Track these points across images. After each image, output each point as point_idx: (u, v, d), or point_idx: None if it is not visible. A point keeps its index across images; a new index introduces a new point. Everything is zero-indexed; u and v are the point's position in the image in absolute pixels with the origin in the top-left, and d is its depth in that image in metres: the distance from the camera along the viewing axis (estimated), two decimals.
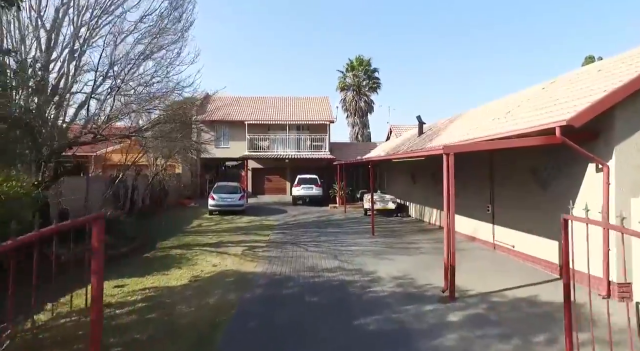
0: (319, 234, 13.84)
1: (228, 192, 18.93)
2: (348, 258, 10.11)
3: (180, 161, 22.46)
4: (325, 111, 29.91)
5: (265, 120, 28.08)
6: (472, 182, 12.03)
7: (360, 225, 16.02)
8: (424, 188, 16.69)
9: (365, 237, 13.17)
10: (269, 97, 32.65)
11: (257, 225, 15.84)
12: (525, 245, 9.37)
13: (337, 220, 17.81)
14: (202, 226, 15.50)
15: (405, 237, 13.16)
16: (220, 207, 18.56)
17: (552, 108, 7.99)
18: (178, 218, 17.45)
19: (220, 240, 12.55)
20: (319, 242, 12.40)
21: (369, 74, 42.86)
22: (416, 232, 14.31)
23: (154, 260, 9.73)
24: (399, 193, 19.77)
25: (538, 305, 6.49)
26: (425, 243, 11.99)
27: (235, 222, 16.78)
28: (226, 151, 28.34)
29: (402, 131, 28.56)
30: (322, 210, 21.44)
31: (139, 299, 6.66)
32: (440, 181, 14.27)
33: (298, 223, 16.82)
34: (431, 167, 15.28)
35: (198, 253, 10.49)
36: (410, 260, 9.83)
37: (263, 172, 28.77)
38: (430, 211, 15.97)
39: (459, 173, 10.74)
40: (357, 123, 42.48)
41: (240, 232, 14.21)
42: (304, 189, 23.30)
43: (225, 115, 28.69)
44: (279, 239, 12.82)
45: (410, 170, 18.25)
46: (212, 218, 17.56)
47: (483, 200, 11.42)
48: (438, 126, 17.76)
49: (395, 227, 15.49)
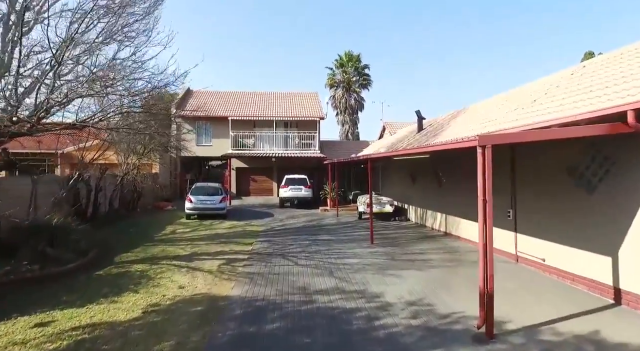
0: (310, 243, 12.08)
1: (208, 193, 17.01)
2: (346, 274, 8.38)
3: (157, 159, 20.36)
4: (315, 107, 28.17)
5: (250, 116, 26.18)
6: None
7: (356, 231, 14.31)
8: (425, 189, 15.07)
9: (363, 246, 11.46)
10: (255, 92, 30.76)
11: (240, 232, 13.98)
12: (561, 260, 7.76)
13: (329, 225, 16.06)
14: (175, 233, 13.57)
15: (409, 246, 11.49)
16: (199, 211, 16.64)
17: (605, 91, 6.38)
18: (150, 223, 15.47)
19: (195, 250, 10.67)
20: (310, 252, 10.63)
21: (359, 70, 41.32)
22: (419, 239, 12.65)
23: (105, 280, 7.81)
24: (396, 194, 18.14)
25: (609, 349, 4.84)
26: (434, 254, 10.33)
27: (215, 227, 14.88)
28: (208, 149, 26.35)
29: (397, 129, 26.97)
30: (312, 214, 19.67)
31: (61, 348, 4.78)
32: (449, 181, 12.65)
33: (286, 228, 15.01)
34: (434, 166, 13.67)
35: (164, 270, 8.61)
36: (422, 277, 8.14)
37: (248, 171, 26.86)
38: (434, 215, 14.35)
39: (467, 171, 9.07)
40: (347, 122, 40.89)
41: (219, 240, 12.34)
42: (292, 190, 21.49)
43: (207, 111, 26.69)
44: (263, 249, 11.01)
45: (410, 170, 16.64)
46: (188, 224, 15.62)
47: (501, 203, 9.80)
48: (439, 122, 16.18)
49: (395, 234, 13.82)
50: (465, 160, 11.66)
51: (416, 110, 17.67)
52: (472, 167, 10.73)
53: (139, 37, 10.34)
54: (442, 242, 12.08)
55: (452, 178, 12.61)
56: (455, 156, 11.95)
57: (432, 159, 13.63)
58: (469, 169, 11.96)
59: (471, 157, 10.49)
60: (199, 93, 29.81)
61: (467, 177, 11.43)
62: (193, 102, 27.99)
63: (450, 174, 12.75)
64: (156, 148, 19.70)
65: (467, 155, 11.84)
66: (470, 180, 11.76)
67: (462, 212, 11.95)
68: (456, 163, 12.17)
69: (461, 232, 12.11)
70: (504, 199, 9.70)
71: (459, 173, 12.05)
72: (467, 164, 12.03)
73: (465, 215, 11.75)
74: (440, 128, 14.53)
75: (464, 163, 11.65)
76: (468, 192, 11.37)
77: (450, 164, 12.61)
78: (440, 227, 13.79)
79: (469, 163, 12.00)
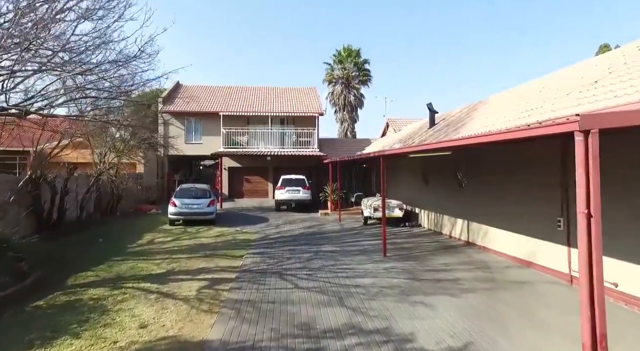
0: (311, 255, 10.20)
1: (194, 196, 15.09)
2: (361, 302, 6.53)
3: (141, 158, 18.34)
4: (314, 102, 26.29)
5: (243, 112, 24.25)
6: (524, 183, 8.62)
7: (364, 240, 12.45)
8: (442, 191, 13.26)
9: (375, 260, 9.61)
10: (249, 87, 28.84)
11: (229, 241, 12.08)
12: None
13: (332, 232, 14.18)
14: (153, 243, 11.64)
15: (429, 260, 9.65)
16: (184, 216, 14.71)
17: None
18: (127, 230, 13.52)
19: (172, 267, 8.77)
20: (312, 269, 8.76)
21: (358, 66, 39.50)
22: (439, 250, 10.82)
23: (41, 316, 5.89)
24: (404, 197, 16.31)
25: None
26: (462, 271, 8.50)
27: (201, 235, 12.96)
28: (198, 147, 24.38)
29: (401, 126, 25.21)
30: (311, 218, 17.79)
31: None
32: (474, 182, 10.83)
33: (282, 236, 13.13)
34: (456, 165, 11.85)
35: (127, 297, 6.71)
36: (459, 307, 6.30)
37: (241, 171, 24.93)
38: (452, 221, 12.52)
39: (500, 171, 7.32)
40: (346, 119, 39.09)
41: (203, 252, 10.43)
42: (289, 192, 19.59)
43: (197, 106, 24.77)
44: (255, 265, 9.12)
45: (421, 169, 14.82)
46: (171, 231, 13.69)
47: (548, 210, 8.00)
48: (455, 115, 14.40)
49: (409, 243, 11.98)
50: (497, 157, 9.86)
51: (427, 103, 15.97)
52: (507, 165, 8.89)
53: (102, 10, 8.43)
54: (466, 254, 10.26)
55: (478, 180, 10.80)
56: (484, 153, 10.14)
57: (452, 157, 11.82)
58: (502, 169, 10.17)
59: (508, 154, 8.58)
60: (189, 88, 27.89)
61: (499, 178, 9.63)
62: (182, 97, 26.04)
63: (475, 175, 10.93)
64: (138, 145, 17.74)
65: (499, 152, 10.05)
66: (504, 182, 9.83)
67: (491, 218, 10.14)
68: (484, 162, 10.36)
69: (489, 243, 10.30)
70: (550, 206, 7.88)
71: (488, 174, 10.25)
72: (500, 162, 10.33)
73: (495, 222, 9.95)
74: (459, 121, 12.74)
75: (495, 162, 9.84)
76: (500, 195, 9.60)
77: (476, 163, 10.79)
78: (460, 236, 11.97)
79: (502, 161, 10.30)
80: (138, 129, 17.63)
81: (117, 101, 10.54)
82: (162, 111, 24.02)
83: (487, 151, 10.05)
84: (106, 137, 15.38)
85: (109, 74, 8.14)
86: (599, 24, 69.72)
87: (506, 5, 75.27)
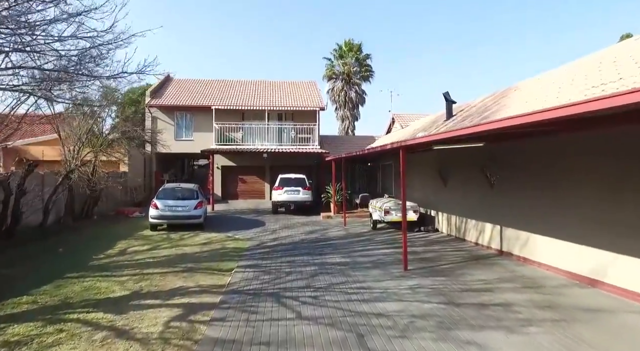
0: (315, 269, 8.34)
1: (179, 197, 13.21)
2: (389, 343, 4.69)
3: (122, 155, 16.43)
4: (314, 96, 24.46)
5: (238, 106, 22.38)
6: (594, 181, 6.80)
7: (376, 248, 10.60)
8: (465, 192, 11.44)
9: (395, 275, 7.76)
10: (245, 80, 27.00)
11: (217, 251, 10.22)
12: None
13: (337, 238, 12.33)
14: (125, 253, 9.74)
15: (462, 275, 7.80)
16: (167, 220, 12.83)
17: None
18: (98, 237, 11.63)
19: (140, 287, 6.89)
20: (318, 289, 6.90)
21: (360, 61, 37.77)
22: (469, 262, 8.98)
23: None
24: (417, 198, 14.48)
25: None
26: (510, 292, 6.65)
27: (185, 243, 11.09)
28: (189, 144, 22.48)
29: (409, 121, 23.40)
30: (313, 222, 15.94)
31: None
32: (512, 180, 9.01)
33: (280, 244, 11.27)
34: (490, 160, 10.03)
35: (62, 337, 4.83)
36: (520, 347, 4.46)
37: (235, 171, 23.05)
38: (479, 226, 10.70)
39: (538, 165, 5.51)
40: (347, 117, 37.28)
41: (184, 265, 8.56)
42: (287, 193, 17.72)
43: (188, 99, 22.91)
44: (246, 283, 7.26)
45: (438, 167, 13.01)
46: (150, 238, 11.80)
47: (625, 214, 6.17)
48: (477, 105, 12.61)
49: (430, 252, 10.13)
50: (544, 151, 7.88)
51: (444, 92, 14.19)
52: (562, 161, 7.04)
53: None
54: (503, 266, 8.41)
55: (516, 178, 8.97)
56: (524, 146, 8.32)
57: (479, 152, 10.01)
58: (554, 165, 7.64)
59: (561, 146, 6.68)
60: (180, 81, 26.04)
61: (550, 176, 7.76)
62: (172, 90, 24.18)
63: (513, 172, 9.10)
64: (118, 140, 15.86)
65: (548, 143, 8.11)
66: (558, 181, 7.60)
67: (534, 224, 8.32)
68: (524, 157, 8.54)
69: (532, 253, 8.46)
70: (629, 209, 6.06)
71: (530, 171, 8.42)
72: (550, 157, 7.79)
73: (541, 229, 8.12)
74: (486, 110, 10.92)
75: (541, 156, 8.00)
76: (551, 196, 7.60)
77: (512, 158, 8.97)
78: (490, 243, 10.14)
79: (552, 155, 7.64)
80: (123, 125, 15.80)
81: (83, 82, 8.65)
82: (149, 105, 22.14)
83: (530, 143, 8.24)
84: (81, 130, 13.47)
85: (66, 45, 6.27)
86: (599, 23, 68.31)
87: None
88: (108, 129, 15.34)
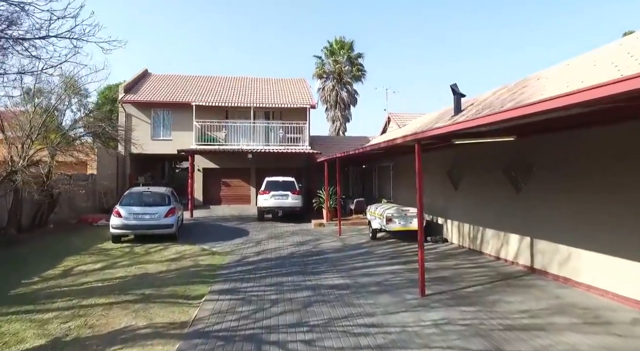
0: (309, 295, 6.56)
1: (147, 203, 11.30)
2: None
3: (84, 155, 14.38)
4: (304, 94, 22.74)
5: (221, 102, 20.50)
6: None
7: (379, 264, 8.86)
8: (482, 196, 9.84)
9: (411, 304, 6.04)
10: (229, 77, 25.16)
11: (187, 269, 8.36)
12: None
13: (332, 251, 10.56)
14: (69, 274, 7.79)
15: (495, 302, 6.11)
16: (132, 230, 10.92)
17: None
18: (42, 253, 9.64)
19: (65, 330, 5.02)
20: (314, 328, 5.13)
21: (351, 60, 36.16)
22: (497, 283, 7.30)
23: None
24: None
25: None
26: (567, 330, 4.98)
27: (149, 259, 9.20)
28: (167, 144, 20.48)
29: (406, 120, 21.85)
30: (303, 231, 14.16)
31: None
32: (547, 181, 7.36)
33: (265, 260, 9.45)
34: (506, 159, 8.44)
35: None
36: None
37: (218, 173, 21.13)
38: (501, 237, 9.06)
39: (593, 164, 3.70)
40: (338, 118, 35.59)
41: (140, 291, 6.69)
42: (275, 198, 15.91)
43: (166, 95, 20.98)
44: (218, 320, 5.44)
45: (447, 167, 11.41)
46: (108, 252, 9.86)
47: None
48: (490, 99, 11.05)
49: (445, 269, 8.43)
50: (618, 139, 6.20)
51: (452, 84, 12.68)
52: None
53: None
54: (543, 290, 6.76)
55: (555, 180, 7.37)
56: (569, 140, 6.71)
57: (501, 150, 8.41)
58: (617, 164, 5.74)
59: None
60: (158, 77, 24.11)
61: (617, 172, 6.10)
62: (149, 86, 22.21)
63: (551, 173, 7.50)
64: (80, 139, 13.86)
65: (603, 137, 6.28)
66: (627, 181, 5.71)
67: (583, 236, 6.71)
68: (584, 148, 6.92)
69: (577, 273, 6.84)
70: None
71: (585, 167, 6.82)
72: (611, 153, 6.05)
73: (592, 243, 6.51)
74: (508, 101, 9.34)
75: (609, 147, 6.35)
76: (617, 199, 6.00)
77: (551, 156, 7.37)
78: (516, 258, 8.51)
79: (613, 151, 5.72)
80: (86, 120, 13.82)
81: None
82: (122, 100, 20.12)
83: (580, 135, 6.65)
84: (31, 124, 11.47)
85: None
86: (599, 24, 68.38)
87: None
88: (68, 125, 13.33)
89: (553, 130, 7.25)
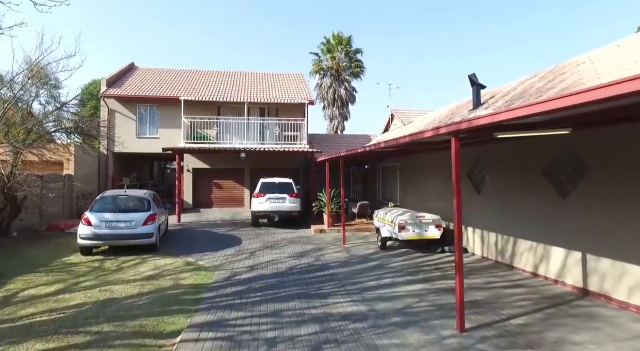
0: (316, 331, 5.07)
1: (121, 209, 9.77)
2: None
3: (55, 155, 12.76)
4: (302, 89, 21.26)
5: (212, 97, 18.96)
6: None
7: (396, 282, 7.37)
8: (515, 202, 8.42)
9: (451, 348, 4.58)
10: (222, 71, 23.61)
11: (164, 292, 6.83)
12: None
13: (338, 264, 9.07)
14: (10, 302, 6.22)
15: (557, 344, 4.68)
16: (103, 240, 9.36)
17: None
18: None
19: None
20: None
21: (350, 56, 34.75)
22: (547, 310, 5.87)
23: None
24: (433, 208, 11.40)
25: None
26: None
27: (118, 278, 7.65)
28: (153, 143, 18.89)
29: (411, 117, 20.46)
30: (302, 238, 12.67)
31: None
32: (614, 184, 5.87)
33: (260, 277, 7.95)
34: (547, 158, 7.03)
35: None
36: None
37: (209, 174, 19.59)
38: (540, 251, 7.64)
39: None
40: (336, 116, 34.15)
41: (94, 329, 5.17)
42: (271, 201, 14.41)
43: (153, 90, 19.40)
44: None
45: (466, 168, 10.00)
46: (73, 268, 8.30)
47: None
48: (520, 88, 9.65)
49: (478, 289, 6.98)
50: None
51: (470, 74, 11.31)
52: None
53: None
54: (615, 323, 5.33)
55: (630, 182, 5.96)
56: None
57: (541, 147, 7.00)
58: None
59: None
60: (145, 70, 22.54)
61: None
62: (135, 80, 20.61)
63: (615, 175, 6.09)
64: (50, 135, 12.26)
65: None
66: None
67: None
68: None
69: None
70: None
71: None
72: None
73: None
74: (549, 89, 7.92)
75: None
76: None
77: (616, 153, 5.95)
78: (562, 276, 7.09)
79: None
80: (57, 114, 12.23)
81: None
82: (104, 95, 18.51)
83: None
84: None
85: None
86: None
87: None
88: (35, 120, 11.71)
89: (613, 122, 5.87)
